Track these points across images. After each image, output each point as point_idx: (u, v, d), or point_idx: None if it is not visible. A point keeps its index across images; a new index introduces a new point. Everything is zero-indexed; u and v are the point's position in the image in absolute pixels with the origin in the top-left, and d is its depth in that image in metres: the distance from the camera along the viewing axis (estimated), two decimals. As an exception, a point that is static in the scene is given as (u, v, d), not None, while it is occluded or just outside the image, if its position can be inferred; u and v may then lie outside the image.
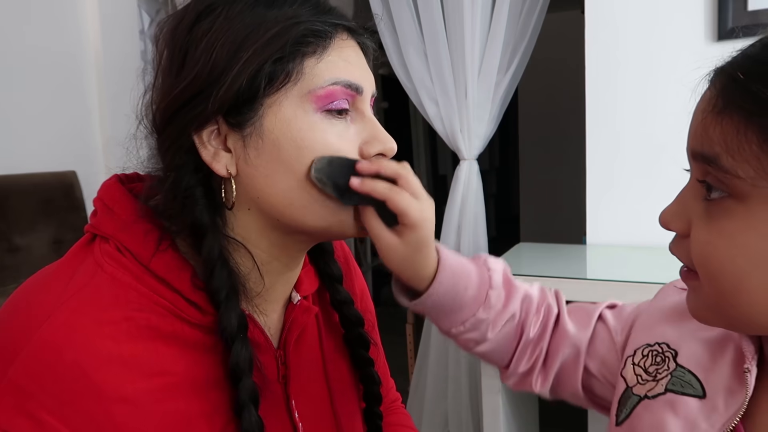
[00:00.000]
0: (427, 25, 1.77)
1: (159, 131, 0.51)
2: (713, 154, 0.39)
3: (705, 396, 0.46)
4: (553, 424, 2.11)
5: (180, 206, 0.49)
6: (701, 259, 0.41)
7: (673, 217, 0.45)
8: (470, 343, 0.63)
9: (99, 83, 2.31)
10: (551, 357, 0.63)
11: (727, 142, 0.38)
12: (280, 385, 0.57)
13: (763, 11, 1.33)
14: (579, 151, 1.62)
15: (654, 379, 0.50)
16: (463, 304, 0.59)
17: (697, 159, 0.41)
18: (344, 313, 0.64)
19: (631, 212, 1.51)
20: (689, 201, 0.43)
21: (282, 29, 0.48)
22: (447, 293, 0.58)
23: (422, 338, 1.98)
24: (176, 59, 0.49)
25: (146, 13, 2.41)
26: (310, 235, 0.54)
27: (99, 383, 0.43)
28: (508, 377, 0.66)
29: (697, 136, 0.41)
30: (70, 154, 2.19)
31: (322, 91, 0.49)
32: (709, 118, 0.40)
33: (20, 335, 0.44)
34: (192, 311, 0.49)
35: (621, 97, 1.51)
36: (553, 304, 0.65)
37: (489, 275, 0.61)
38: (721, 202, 0.39)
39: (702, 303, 0.43)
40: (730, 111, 0.38)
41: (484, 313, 0.60)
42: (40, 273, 0.50)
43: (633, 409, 0.51)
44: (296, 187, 0.50)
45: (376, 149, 0.53)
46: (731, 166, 0.38)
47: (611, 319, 0.62)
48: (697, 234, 0.42)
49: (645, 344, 0.54)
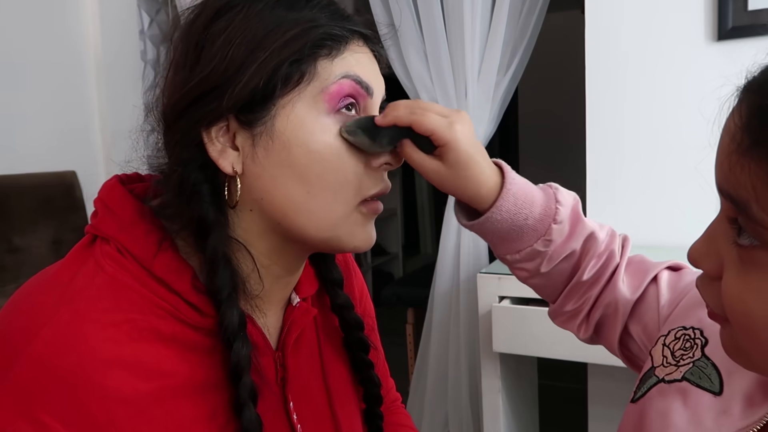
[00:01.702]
0: (427, 25, 1.77)
1: (168, 125, 0.50)
2: (742, 201, 0.34)
3: (720, 393, 0.44)
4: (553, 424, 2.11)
5: (186, 203, 0.49)
6: (733, 314, 0.37)
7: (703, 258, 0.40)
8: (522, 272, 0.61)
9: (99, 83, 2.31)
10: (596, 308, 0.61)
11: (756, 189, 0.33)
12: (278, 387, 0.57)
13: (763, 11, 1.33)
14: (579, 151, 1.62)
15: (676, 364, 0.48)
16: (522, 233, 0.57)
17: (725, 198, 0.36)
18: (344, 317, 0.64)
19: (631, 212, 1.51)
20: (720, 240, 0.38)
21: (301, 31, 0.49)
22: (505, 220, 0.56)
23: (422, 338, 1.98)
24: (191, 54, 0.49)
25: (146, 13, 2.41)
26: (307, 244, 0.53)
27: (101, 385, 0.43)
28: (553, 312, 0.65)
29: (723, 173, 0.36)
30: (70, 154, 2.19)
31: (333, 86, 0.49)
32: (735, 157, 0.34)
33: (22, 337, 0.44)
34: (192, 314, 0.49)
35: (621, 96, 1.51)
36: (617, 252, 0.61)
37: (555, 207, 0.57)
38: (753, 252, 0.35)
39: (735, 347, 0.40)
40: (758, 151, 0.33)
41: (542, 245, 0.58)
42: (41, 274, 0.50)
43: (649, 390, 0.49)
44: (301, 191, 0.50)
45: (383, 158, 0.53)
46: (762, 218, 0.33)
47: (664, 288, 0.58)
48: (729, 285, 0.37)
49: (680, 327, 0.51)
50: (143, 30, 2.40)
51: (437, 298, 1.89)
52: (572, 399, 2.15)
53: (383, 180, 0.54)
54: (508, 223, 0.56)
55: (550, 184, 0.61)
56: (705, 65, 1.40)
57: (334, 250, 0.55)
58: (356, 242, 0.53)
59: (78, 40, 2.25)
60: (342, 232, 0.52)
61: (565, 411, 2.27)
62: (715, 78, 0.57)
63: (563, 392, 2.37)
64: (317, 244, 0.53)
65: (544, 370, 2.01)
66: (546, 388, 2.04)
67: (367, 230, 0.54)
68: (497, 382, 1.44)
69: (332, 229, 0.51)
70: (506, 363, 1.48)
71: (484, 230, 0.58)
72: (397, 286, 2.66)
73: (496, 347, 1.35)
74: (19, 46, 2.02)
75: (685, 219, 1.43)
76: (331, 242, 0.53)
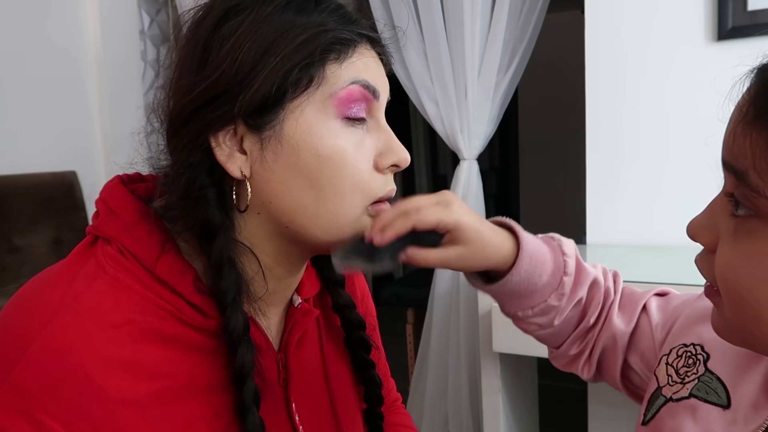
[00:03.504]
0: (427, 25, 1.77)
1: (175, 129, 0.50)
2: (741, 169, 0.36)
3: (729, 406, 0.44)
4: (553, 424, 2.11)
5: (191, 206, 0.49)
6: (723, 281, 0.39)
7: (701, 230, 0.42)
8: (533, 326, 0.61)
9: (99, 83, 2.31)
10: (597, 346, 0.62)
11: (755, 158, 0.35)
12: (281, 388, 0.57)
13: (763, 11, 1.33)
14: (579, 151, 1.62)
15: (682, 382, 0.49)
16: (536, 290, 0.58)
17: (727, 170, 0.38)
18: (346, 316, 0.64)
19: (631, 212, 1.51)
20: (718, 214, 0.40)
21: (310, 36, 0.48)
22: (523, 280, 0.57)
23: (422, 338, 1.98)
24: (198, 56, 0.48)
25: (146, 13, 2.41)
26: (315, 246, 0.53)
27: (102, 386, 0.43)
28: (556, 357, 0.65)
29: (728, 146, 0.38)
30: (70, 154, 2.19)
31: (342, 92, 0.49)
32: (740, 128, 0.37)
33: (23, 338, 0.44)
34: (194, 315, 0.49)
35: (621, 96, 1.51)
36: (611, 289, 0.63)
37: (564, 260, 0.59)
38: (747, 221, 0.37)
39: (723, 323, 0.41)
40: (761, 122, 0.35)
41: (555, 299, 0.59)
42: (42, 275, 0.50)
43: (658, 411, 0.50)
44: (310, 195, 0.49)
45: (390, 161, 0.53)
46: (758, 184, 0.35)
47: (655, 313, 0.60)
48: (721, 253, 0.39)
49: (681, 344, 0.52)
50: (143, 30, 2.40)
51: (437, 298, 1.89)
52: (572, 399, 2.15)
53: (390, 182, 0.54)
54: (525, 283, 0.57)
55: (552, 235, 0.62)
56: (705, 65, 1.40)
57: None
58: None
59: (78, 40, 2.25)
60: (349, 233, 0.52)
61: (565, 411, 2.27)
62: (715, 78, 0.57)
63: (563, 392, 2.37)
64: (325, 246, 0.53)
65: (544, 370, 2.01)
66: (546, 388, 2.04)
67: None
68: (497, 382, 1.44)
69: (340, 231, 0.51)
70: (506, 363, 1.47)
71: (501, 291, 0.58)
72: (397, 286, 2.66)
73: (496, 347, 1.35)
74: (19, 46, 2.02)
75: (685, 219, 1.43)
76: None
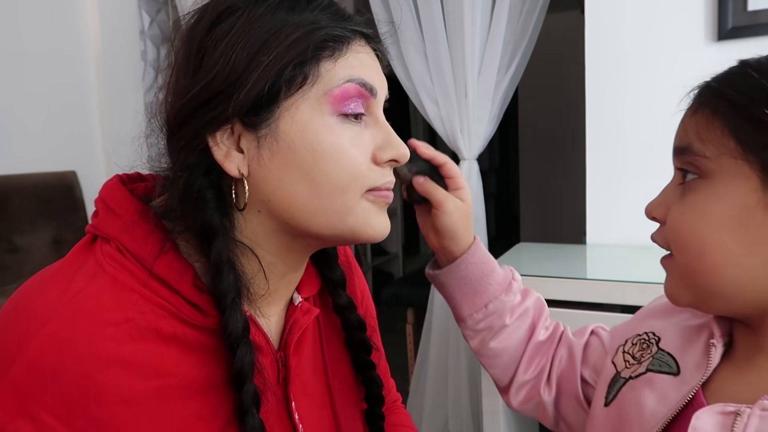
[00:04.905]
0: (427, 25, 1.77)
1: (173, 131, 0.50)
2: (688, 143, 0.47)
3: (679, 373, 0.51)
4: (553, 424, 2.11)
5: (190, 207, 0.49)
6: (672, 233, 0.48)
7: (655, 207, 0.51)
8: (487, 333, 0.68)
9: (99, 83, 2.31)
10: (555, 360, 0.68)
11: (699, 131, 0.46)
12: (281, 387, 0.57)
13: (763, 11, 1.33)
14: (579, 151, 1.62)
15: (638, 362, 0.55)
16: (488, 285, 0.67)
17: (676, 153, 0.49)
18: (346, 318, 0.64)
19: (631, 212, 1.51)
20: (669, 191, 0.50)
21: (303, 34, 0.48)
22: (477, 267, 0.67)
23: (422, 338, 1.98)
24: (193, 59, 0.49)
25: (146, 13, 2.41)
26: (318, 239, 0.54)
27: (100, 384, 0.43)
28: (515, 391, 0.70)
29: (678, 136, 0.50)
30: (70, 154, 2.19)
31: (338, 90, 0.50)
32: (687, 118, 0.48)
33: (22, 336, 0.44)
34: (193, 313, 0.49)
35: (621, 97, 1.51)
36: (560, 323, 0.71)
37: (511, 271, 0.70)
38: (692, 183, 0.47)
39: (674, 279, 0.49)
40: (702, 108, 0.47)
41: (506, 297, 0.67)
42: (41, 273, 0.50)
43: (619, 390, 0.55)
44: (308, 191, 0.50)
45: (389, 155, 0.53)
46: (700, 148, 0.46)
47: (603, 333, 0.68)
48: (672, 214, 0.48)
49: (635, 335, 0.59)
50: (143, 30, 2.40)
51: (437, 298, 1.89)
52: (572, 399, 2.15)
53: (389, 175, 0.55)
54: (479, 271, 0.67)
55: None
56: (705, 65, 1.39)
57: (348, 241, 0.55)
58: (370, 232, 0.53)
59: (78, 40, 2.25)
60: (354, 223, 0.52)
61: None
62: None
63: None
64: (328, 238, 0.53)
65: (544, 370, 2.01)
66: (546, 388, 2.04)
67: (381, 219, 0.54)
68: (497, 382, 1.44)
69: (342, 223, 0.52)
70: (506, 363, 1.47)
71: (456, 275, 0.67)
72: (397, 286, 2.66)
73: (496, 347, 1.35)
74: (19, 45, 2.02)
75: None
76: (345, 235, 0.53)
